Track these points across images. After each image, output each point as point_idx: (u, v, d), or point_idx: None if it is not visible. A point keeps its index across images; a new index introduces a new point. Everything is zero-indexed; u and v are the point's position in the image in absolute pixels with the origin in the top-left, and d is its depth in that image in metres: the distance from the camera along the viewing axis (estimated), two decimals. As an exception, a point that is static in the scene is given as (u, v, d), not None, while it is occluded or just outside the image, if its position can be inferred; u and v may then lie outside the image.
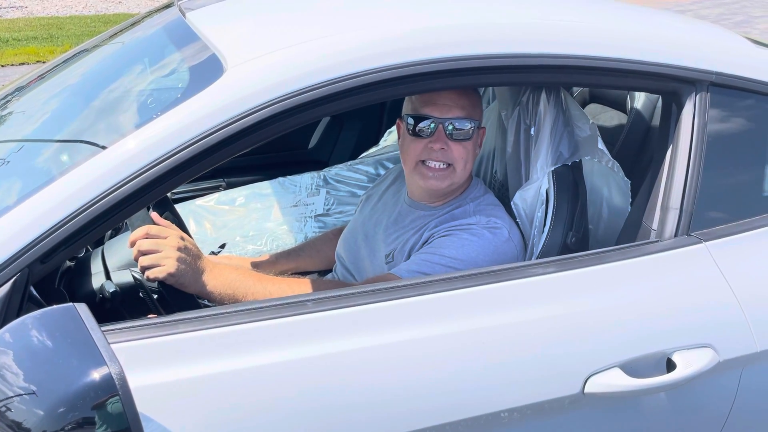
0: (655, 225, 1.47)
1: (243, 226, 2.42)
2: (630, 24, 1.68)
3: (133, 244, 1.41)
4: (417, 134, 1.62)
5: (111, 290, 1.59)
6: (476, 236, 1.58)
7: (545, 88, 1.68)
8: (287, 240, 2.41)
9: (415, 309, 1.26)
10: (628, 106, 2.11)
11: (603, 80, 1.50)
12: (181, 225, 1.52)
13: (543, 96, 1.68)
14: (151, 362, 1.11)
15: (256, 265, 1.93)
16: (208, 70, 1.32)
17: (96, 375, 0.92)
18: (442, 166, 1.63)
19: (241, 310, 1.20)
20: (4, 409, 0.92)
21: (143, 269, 1.39)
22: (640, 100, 2.07)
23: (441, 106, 1.60)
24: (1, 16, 10.43)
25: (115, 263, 1.71)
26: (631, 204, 1.70)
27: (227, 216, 2.45)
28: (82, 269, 1.72)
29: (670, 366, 1.34)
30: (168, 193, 1.56)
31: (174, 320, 1.17)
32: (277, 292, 1.47)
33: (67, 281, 1.68)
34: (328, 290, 1.29)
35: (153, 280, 1.41)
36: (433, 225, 1.66)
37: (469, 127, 1.62)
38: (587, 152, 1.69)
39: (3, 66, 7.47)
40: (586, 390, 1.28)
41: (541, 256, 1.58)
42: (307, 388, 1.17)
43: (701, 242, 1.43)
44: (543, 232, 1.61)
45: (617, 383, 1.29)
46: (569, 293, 1.35)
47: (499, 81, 1.67)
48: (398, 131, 1.72)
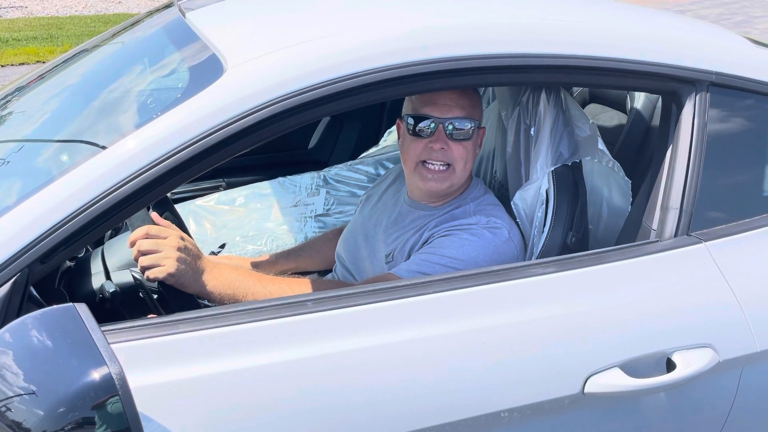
0: (655, 225, 1.47)
1: (243, 226, 2.42)
2: (630, 24, 1.68)
3: (133, 244, 1.41)
4: (417, 134, 1.62)
5: (111, 290, 1.59)
6: (476, 236, 1.58)
7: (545, 88, 1.68)
8: (287, 240, 2.41)
9: (415, 309, 1.26)
10: (628, 106, 2.11)
11: (603, 80, 1.50)
12: (181, 225, 1.52)
13: (543, 96, 1.68)
14: (151, 362, 1.11)
15: (256, 265, 1.93)
16: (208, 70, 1.32)
17: (96, 375, 0.92)
18: (442, 168, 1.63)
19: (241, 310, 1.20)
20: (4, 409, 0.92)
21: (143, 269, 1.39)
22: (640, 100, 2.07)
23: (441, 106, 1.60)
24: (1, 16, 10.42)
25: (115, 263, 1.71)
26: (631, 204, 1.70)
27: (227, 216, 2.45)
28: (82, 269, 1.72)
29: (670, 366, 1.34)
30: (168, 193, 1.56)
31: (174, 320, 1.17)
32: (277, 292, 1.47)
33: (67, 281, 1.68)
34: (328, 290, 1.29)
35: (153, 280, 1.41)
36: (433, 225, 1.66)
37: (469, 127, 1.62)
38: (587, 152, 1.69)
39: (3, 66, 7.47)
40: (586, 390, 1.28)
41: (541, 256, 1.58)
42: (307, 388, 1.17)
43: (701, 242, 1.43)
44: (543, 232, 1.61)
45: (617, 383, 1.29)
46: (569, 293, 1.35)
47: (499, 81, 1.67)
48: (398, 131, 1.72)
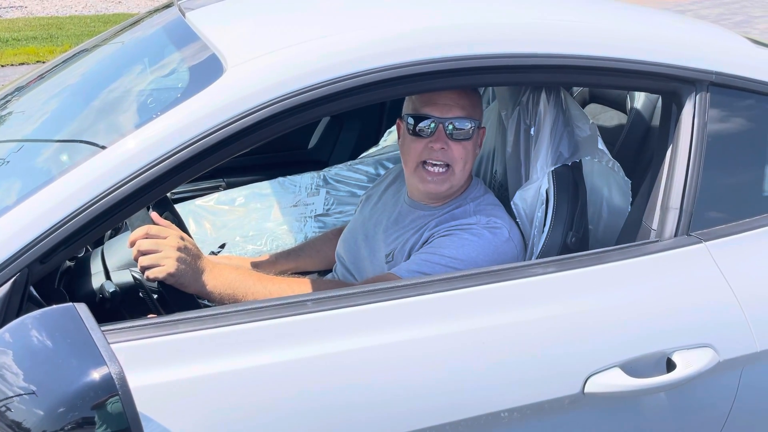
0: (655, 225, 1.47)
1: (243, 226, 2.42)
2: (630, 24, 1.68)
3: (132, 244, 1.41)
4: (417, 134, 1.62)
5: (111, 290, 1.59)
6: (476, 236, 1.58)
7: (545, 88, 1.68)
8: (287, 240, 2.41)
9: (415, 309, 1.26)
10: (628, 106, 2.11)
11: (603, 80, 1.50)
12: (181, 225, 1.52)
13: (543, 96, 1.68)
14: (150, 362, 1.11)
15: (256, 265, 1.93)
16: (208, 69, 1.32)
17: (96, 375, 0.92)
18: (441, 170, 1.63)
19: (241, 310, 1.20)
20: (4, 409, 0.92)
21: (143, 269, 1.39)
22: (640, 100, 2.07)
23: (441, 105, 1.60)
24: (0, 16, 10.42)
25: (114, 263, 1.71)
26: (631, 204, 1.70)
27: (227, 216, 2.45)
28: (82, 269, 1.72)
29: (670, 366, 1.34)
30: (168, 193, 1.56)
31: (174, 320, 1.17)
32: (277, 291, 1.46)
33: (66, 281, 1.67)
34: (328, 290, 1.29)
35: (153, 280, 1.41)
36: (433, 225, 1.66)
37: (469, 126, 1.62)
38: (587, 152, 1.69)
39: (3, 66, 7.47)
40: (586, 390, 1.28)
41: (541, 256, 1.58)
42: (307, 388, 1.17)
43: (701, 242, 1.43)
44: (543, 232, 1.61)
45: (617, 383, 1.29)
46: (569, 293, 1.35)
47: (498, 81, 1.67)
48: (398, 131, 1.72)
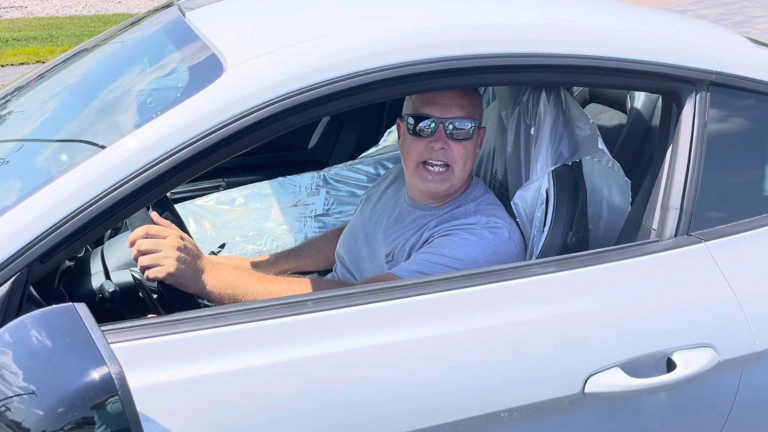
0: (655, 225, 1.47)
1: (243, 226, 2.42)
2: (630, 24, 1.68)
3: (132, 243, 1.40)
4: (417, 134, 1.62)
5: (110, 290, 1.59)
6: (476, 236, 1.58)
7: (545, 87, 1.68)
8: (287, 240, 2.40)
9: (415, 309, 1.26)
10: (628, 105, 2.11)
11: (603, 80, 1.50)
12: (181, 225, 1.52)
13: (543, 96, 1.68)
14: (150, 362, 1.11)
15: (256, 265, 1.93)
16: (208, 69, 1.32)
17: (95, 375, 0.92)
18: (441, 169, 1.63)
19: (241, 310, 1.20)
20: (3, 409, 0.92)
21: (143, 269, 1.39)
22: (640, 99, 2.07)
23: (441, 105, 1.60)
24: (0, 16, 10.42)
25: (114, 263, 1.71)
26: (631, 204, 1.70)
27: (227, 216, 2.45)
28: (82, 269, 1.72)
29: (671, 366, 1.33)
30: (167, 193, 1.56)
31: (173, 320, 1.17)
32: (277, 291, 1.46)
33: (66, 281, 1.67)
34: (327, 290, 1.28)
35: (152, 280, 1.41)
36: (434, 225, 1.66)
37: (469, 126, 1.61)
38: (587, 152, 1.69)
39: (3, 66, 7.47)
40: (586, 390, 1.28)
41: (541, 255, 1.58)
42: (306, 388, 1.17)
43: (701, 242, 1.43)
44: (543, 231, 1.61)
45: (617, 383, 1.29)
46: (569, 293, 1.35)
47: (499, 81, 1.67)
48: (398, 131, 1.72)
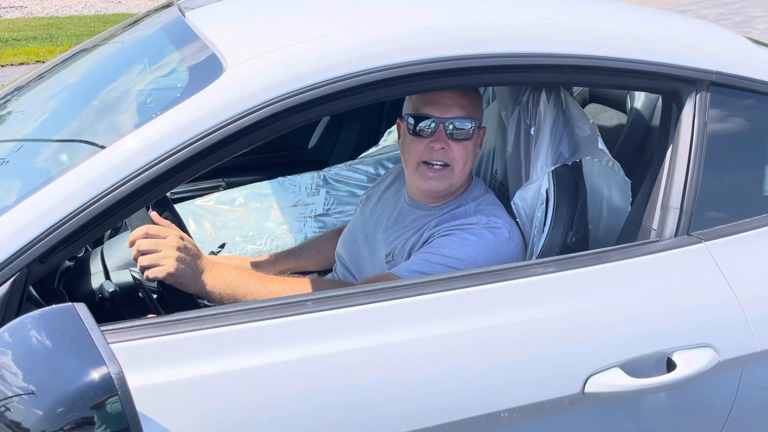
0: (655, 225, 1.47)
1: (242, 226, 2.42)
2: (630, 24, 1.68)
3: (132, 243, 1.40)
4: (417, 134, 1.62)
5: (110, 290, 1.59)
6: (476, 236, 1.58)
7: (545, 87, 1.68)
8: (287, 240, 2.40)
9: (415, 309, 1.26)
10: (628, 105, 2.11)
11: (603, 80, 1.50)
12: (181, 225, 1.52)
13: (543, 96, 1.68)
14: (150, 362, 1.11)
15: (256, 265, 1.93)
16: (208, 69, 1.32)
17: (95, 375, 0.92)
18: (442, 166, 1.63)
19: (241, 310, 1.20)
20: (3, 409, 0.92)
21: (142, 269, 1.39)
22: (640, 100, 2.07)
23: (441, 105, 1.60)
24: (0, 16, 10.42)
25: (114, 263, 1.71)
26: (631, 204, 1.69)
27: (227, 216, 2.45)
28: (82, 269, 1.72)
29: (671, 366, 1.33)
30: (167, 193, 1.56)
31: (173, 320, 1.17)
32: (277, 291, 1.46)
33: (66, 281, 1.67)
34: (327, 290, 1.28)
35: (152, 280, 1.41)
36: (434, 224, 1.66)
37: (469, 126, 1.61)
38: (587, 152, 1.69)
39: (2, 66, 7.47)
40: (586, 390, 1.28)
41: (541, 255, 1.58)
42: (306, 388, 1.17)
43: (701, 242, 1.43)
44: (543, 231, 1.60)
45: (617, 383, 1.29)
46: (569, 293, 1.35)
47: (499, 81, 1.67)
48: (398, 131, 1.72)
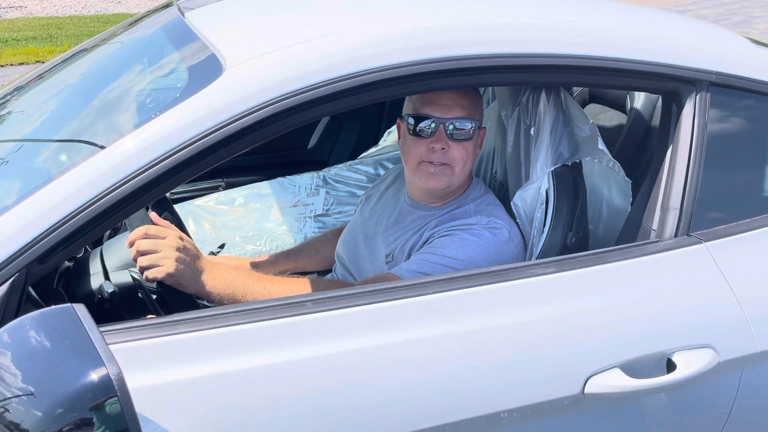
0: (655, 225, 1.47)
1: (242, 227, 2.42)
2: (630, 24, 1.68)
3: (131, 244, 1.40)
4: (418, 134, 1.61)
5: (110, 291, 1.59)
6: (476, 236, 1.58)
7: (545, 88, 1.68)
8: (286, 240, 2.40)
9: (415, 309, 1.26)
10: (628, 106, 2.11)
11: (603, 80, 1.50)
12: (180, 225, 1.52)
13: (543, 96, 1.68)
14: (149, 363, 1.11)
15: (256, 266, 1.93)
16: (207, 69, 1.32)
17: (94, 376, 0.92)
18: (442, 164, 1.62)
19: (241, 311, 1.20)
20: (2, 410, 0.92)
21: (142, 269, 1.38)
22: (639, 100, 2.07)
23: (442, 106, 1.60)
24: (0, 16, 10.42)
25: (113, 263, 1.71)
26: (631, 204, 1.69)
27: (226, 216, 2.44)
28: (81, 270, 1.72)
29: (671, 366, 1.33)
30: (167, 193, 1.56)
31: (173, 321, 1.16)
32: (277, 292, 1.46)
33: (65, 282, 1.67)
34: (327, 290, 1.28)
35: (152, 281, 1.41)
36: (434, 225, 1.66)
37: (469, 127, 1.61)
38: (587, 152, 1.69)
39: (2, 66, 7.47)
40: (586, 390, 1.28)
41: (541, 256, 1.58)
42: (306, 388, 1.17)
43: (701, 242, 1.43)
44: (543, 232, 1.60)
45: (617, 384, 1.29)
46: (569, 293, 1.35)
47: (499, 81, 1.67)
48: (398, 131, 1.72)
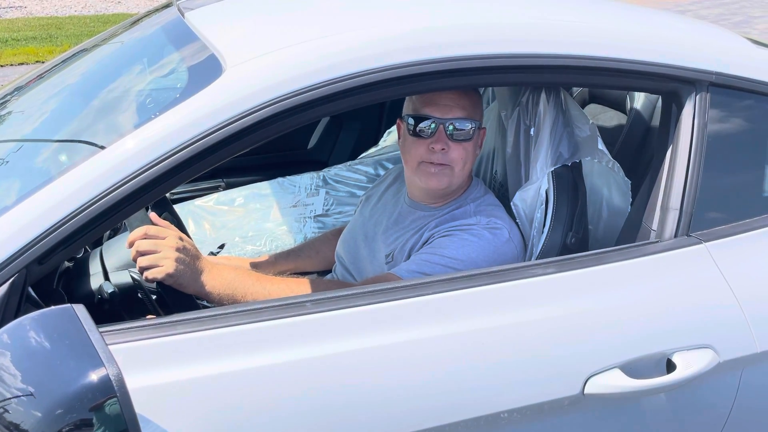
0: (655, 225, 1.47)
1: (242, 227, 2.42)
2: (630, 24, 1.68)
3: (131, 244, 1.40)
4: (417, 134, 1.61)
5: (109, 291, 1.59)
6: (476, 237, 1.58)
7: (545, 88, 1.68)
8: (286, 240, 2.40)
9: (415, 310, 1.26)
10: (628, 106, 2.11)
11: (603, 80, 1.50)
12: (180, 225, 1.52)
13: (543, 96, 1.68)
14: (149, 363, 1.11)
15: (255, 266, 1.93)
16: (207, 70, 1.32)
17: (94, 376, 0.92)
18: (442, 165, 1.62)
19: (240, 311, 1.20)
20: (1, 410, 0.92)
21: (142, 270, 1.38)
22: (639, 100, 2.07)
23: (442, 106, 1.60)
24: (0, 16, 10.41)
25: (113, 264, 1.71)
26: (630, 204, 1.69)
27: (226, 216, 2.44)
28: (81, 270, 1.72)
29: (671, 367, 1.33)
30: (167, 194, 1.55)
31: (172, 321, 1.16)
32: (277, 292, 1.46)
33: (65, 282, 1.67)
34: (327, 291, 1.28)
35: (151, 281, 1.40)
36: (434, 225, 1.66)
37: (469, 127, 1.61)
38: (587, 153, 1.69)
39: (2, 66, 7.47)
40: (586, 391, 1.28)
41: (540, 256, 1.58)
42: (306, 389, 1.17)
43: (701, 243, 1.43)
44: (543, 232, 1.60)
45: (617, 384, 1.29)
46: (569, 294, 1.35)
47: (498, 81, 1.67)
48: (398, 131, 1.72)
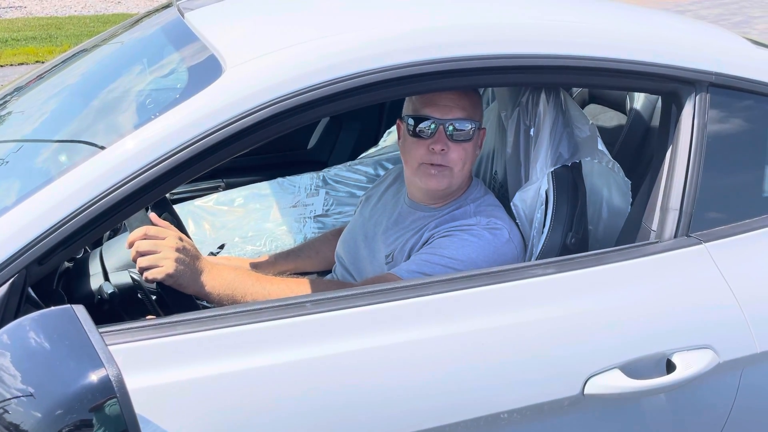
0: (654, 226, 1.47)
1: (242, 227, 2.42)
2: (630, 24, 1.68)
3: (131, 245, 1.40)
4: (417, 135, 1.61)
5: (109, 291, 1.59)
6: (476, 237, 1.58)
7: (545, 88, 1.68)
8: (286, 241, 2.40)
9: (415, 310, 1.26)
10: (628, 106, 2.11)
11: (603, 81, 1.50)
12: (180, 226, 1.52)
13: (542, 97, 1.68)
14: (149, 364, 1.11)
15: (255, 266, 1.93)
16: (207, 70, 1.32)
17: (94, 377, 0.92)
18: (442, 166, 1.62)
19: (240, 312, 1.20)
20: (1, 411, 0.92)
21: (141, 270, 1.38)
22: (639, 100, 2.07)
23: (441, 106, 1.60)
24: (0, 16, 10.41)
25: (113, 264, 1.71)
26: (630, 204, 1.69)
27: (226, 216, 2.44)
28: (81, 270, 1.72)
29: (670, 367, 1.33)
30: (167, 194, 1.55)
31: (172, 321, 1.16)
32: (277, 292, 1.46)
33: (65, 282, 1.67)
34: (327, 291, 1.28)
35: (151, 281, 1.40)
36: (433, 225, 1.66)
37: (469, 128, 1.61)
38: (587, 153, 1.69)
39: (2, 66, 7.47)
40: (585, 391, 1.28)
41: (540, 256, 1.58)
42: (306, 389, 1.17)
43: (701, 243, 1.43)
44: (542, 232, 1.60)
45: (617, 384, 1.29)
46: (569, 294, 1.35)
47: (498, 82, 1.67)
48: (398, 132, 1.72)
